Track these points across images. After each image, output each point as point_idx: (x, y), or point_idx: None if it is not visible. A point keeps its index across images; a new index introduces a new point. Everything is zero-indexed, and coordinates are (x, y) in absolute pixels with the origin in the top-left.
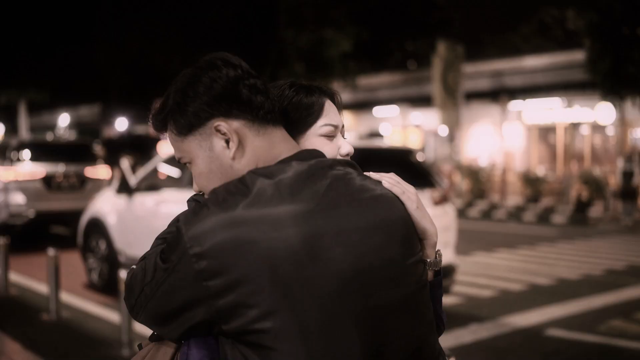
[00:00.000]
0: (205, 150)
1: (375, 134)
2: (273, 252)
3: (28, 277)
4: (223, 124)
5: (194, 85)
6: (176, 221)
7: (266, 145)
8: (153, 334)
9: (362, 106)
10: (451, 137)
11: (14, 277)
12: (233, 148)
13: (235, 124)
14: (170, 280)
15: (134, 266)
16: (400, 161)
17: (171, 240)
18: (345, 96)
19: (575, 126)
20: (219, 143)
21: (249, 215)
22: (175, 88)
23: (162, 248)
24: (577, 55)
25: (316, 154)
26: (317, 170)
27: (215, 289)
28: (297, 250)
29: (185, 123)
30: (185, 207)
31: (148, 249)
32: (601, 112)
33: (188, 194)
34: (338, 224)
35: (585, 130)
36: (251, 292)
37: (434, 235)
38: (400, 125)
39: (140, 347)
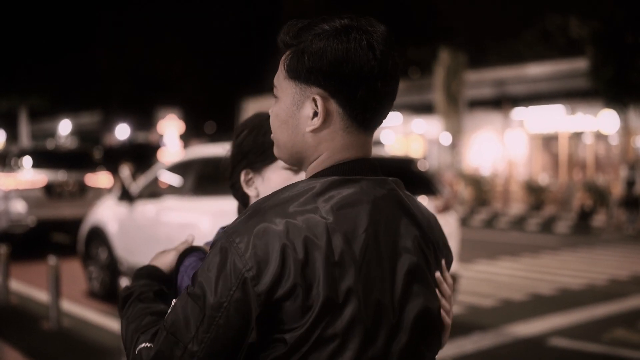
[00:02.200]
0: (294, 103)
1: (377, 142)
2: None
3: (29, 285)
4: (320, 100)
5: (332, 47)
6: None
7: (342, 145)
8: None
9: None
10: (453, 145)
11: (15, 285)
12: (316, 124)
13: (334, 106)
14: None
15: (145, 344)
16: (402, 170)
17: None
18: None
19: (578, 134)
20: (308, 109)
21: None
22: (323, 32)
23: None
24: (580, 63)
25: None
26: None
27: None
28: None
29: (297, 68)
30: (183, 215)
31: (149, 256)
32: (604, 120)
33: (189, 202)
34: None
35: (588, 139)
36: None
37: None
38: (402, 133)
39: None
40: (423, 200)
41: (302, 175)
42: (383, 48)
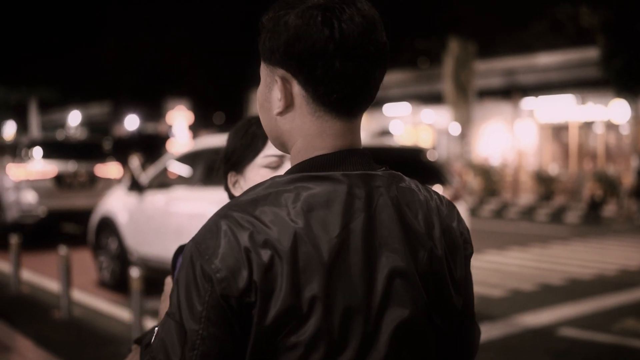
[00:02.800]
0: (266, 86)
1: (386, 132)
2: None
3: (40, 275)
4: (280, 81)
5: (287, 25)
6: None
7: (315, 131)
8: (139, 337)
9: (373, 104)
10: (463, 135)
11: (26, 275)
12: (280, 107)
13: (297, 88)
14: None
15: None
16: (411, 160)
17: None
18: None
19: (588, 124)
20: (276, 92)
21: None
22: (285, 12)
23: None
24: (591, 53)
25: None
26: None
27: None
28: None
29: (263, 49)
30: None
31: (158, 247)
32: (615, 110)
33: (198, 192)
34: None
35: (598, 128)
36: None
37: None
38: (411, 123)
39: (129, 350)
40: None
41: (279, 172)
42: (346, 26)
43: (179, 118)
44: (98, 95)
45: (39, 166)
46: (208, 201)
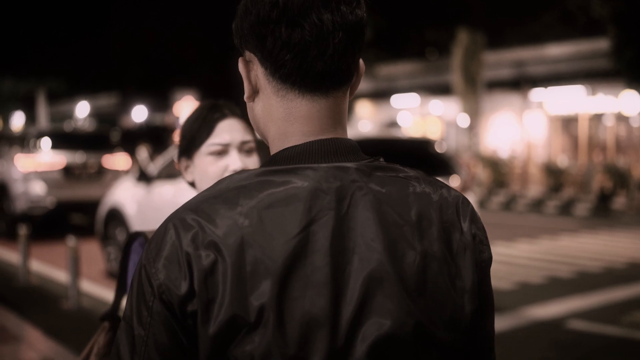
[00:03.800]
0: (243, 73)
1: (394, 124)
2: None
3: (48, 266)
4: (241, 62)
5: (240, 4)
6: None
7: (282, 114)
8: (103, 313)
9: (381, 95)
10: (471, 127)
11: (35, 265)
12: (247, 91)
13: (260, 69)
14: None
15: None
16: (420, 152)
17: None
18: (364, 85)
19: (598, 116)
20: (244, 76)
21: None
22: None
23: None
24: (601, 43)
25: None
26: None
27: None
28: None
29: (233, 35)
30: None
31: None
32: (625, 102)
33: None
34: None
35: (609, 120)
36: None
37: None
38: (419, 115)
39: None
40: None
41: (225, 160)
42: None
43: (186, 109)
44: (106, 86)
45: (47, 157)
46: None
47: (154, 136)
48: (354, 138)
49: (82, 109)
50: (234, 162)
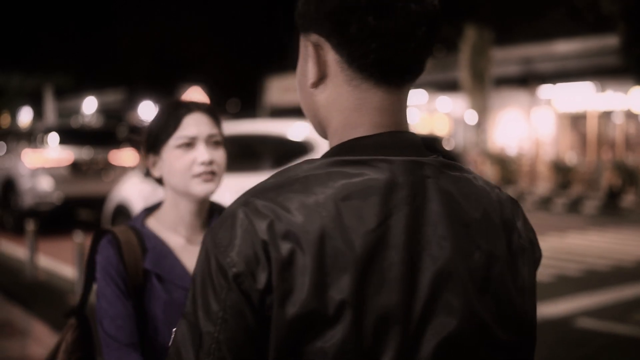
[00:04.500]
0: (303, 58)
1: None
2: None
3: (55, 261)
4: (311, 46)
5: None
6: None
7: (352, 103)
8: (69, 310)
9: None
10: (479, 124)
11: (42, 261)
12: (314, 77)
13: (331, 53)
14: None
15: None
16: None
17: None
18: None
19: (607, 113)
20: (310, 61)
21: None
22: None
23: None
24: (611, 40)
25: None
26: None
27: None
28: None
29: (297, 17)
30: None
31: None
32: (635, 99)
33: None
34: None
35: (618, 117)
36: None
37: None
38: (427, 112)
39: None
40: None
41: (193, 153)
42: None
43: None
44: (113, 82)
45: (54, 153)
46: (223, 188)
47: None
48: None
49: (90, 105)
50: (202, 154)
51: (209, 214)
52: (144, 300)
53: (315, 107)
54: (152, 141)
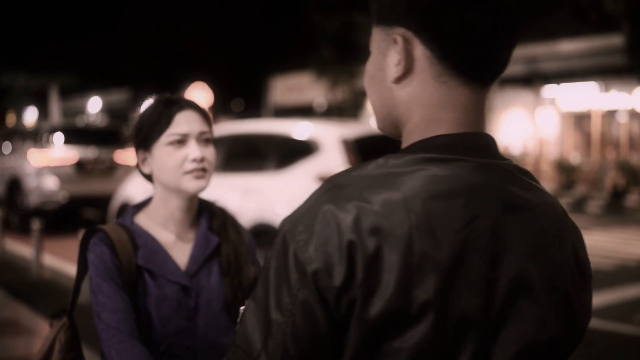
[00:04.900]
0: (380, 52)
1: None
2: None
3: (61, 260)
4: (400, 40)
5: None
6: None
7: (437, 100)
8: (55, 311)
9: None
10: None
11: (47, 260)
12: (399, 71)
13: (420, 48)
14: None
15: None
16: None
17: None
18: None
19: (611, 113)
20: (393, 56)
21: None
22: None
23: None
24: (615, 39)
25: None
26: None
27: None
28: None
29: (380, 8)
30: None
31: None
32: (639, 98)
33: (217, 178)
34: None
35: (622, 117)
36: None
37: None
38: None
39: (51, 325)
40: None
41: (184, 150)
42: None
43: (197, 96)
44: (117, 82)
45: (59, 152)
46: (228, 187)
47: None
48: (366, 133)
49: (94, 105)
50: (193, 151)
51: (198, 211)
52: (137, 296)
53: (394, 102)
54: (142, 138)
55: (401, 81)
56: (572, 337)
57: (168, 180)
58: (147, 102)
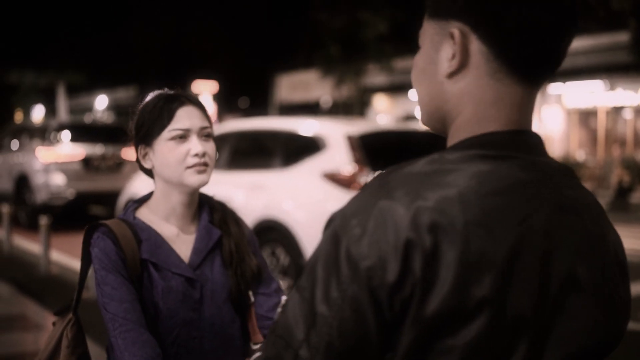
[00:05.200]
0: (432, 46)
1: (410, 117)
2: None
3: (68, 256)
4: (457, 34)
5: None
6: None
7: (490, 97)
8: (58, 309)
9: (398, 89)
10: None
11: (55, 255)
12: (454, 66)
13: (476, 44)
14: None
15: None
16: (438, 144)
17: None
18: (380, 79)
19: (617, 110)
20: (447, 50)
21: None
22: None
23: None
24: (621, 37)
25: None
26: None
27: None
28: None
29: (433, 3)
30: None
31: None
32: None
33: (224, 175)
34: None
35: (628, 114)
36: None
37: None
38: None
39: (53, 324)
40: None
41: (186, 145)
42: None
43: (203, 91)
44: (124, 79)
45: (67, 149)
46: (234, 184)
47: None
48: (372, 130)
49: (101, 102)
50: (195, 146)
51: (199, 205)
52: (143, 289)
53: (444, 97)
54: (143, 133)
55: (454, 76)
56: (615, 337)
57: (170, 175)
58: (148, 98)
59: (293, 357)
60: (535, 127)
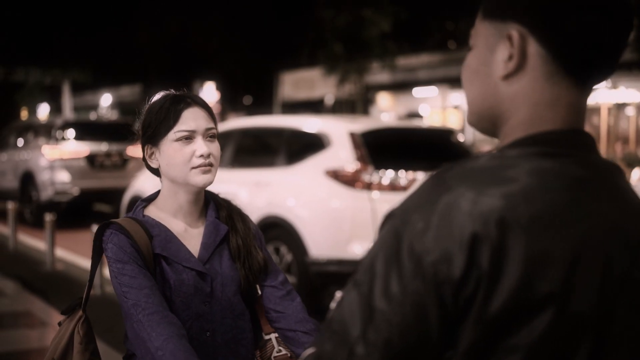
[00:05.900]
0: (487, 47)
1: (414, 115)
2: None
3: (73, 253)
4: (516, 36)
5: None
6: None
7: (546, 99)
8: (65, 308)
9: (401, 87)
10: None
11: (60, 252)
12: (511, 68)
13: (534, 46)
14: None
15: None
16: (441, 142)
17: None
18: (384, 77)
19: (620, 107)
20: (503, 52)
21: None
22: None
23: None
24: None
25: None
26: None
27: None
28: None
29: (491, 3)
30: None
31: None
32: None
33: (228, 173)
34: None
35: (630, 112)
36: None
37: None
38: (439, 107)
39: (59, 324)
40: None
41: (191, 146)
42: None
43: (207, 91)
44: (129, 77)
45: (72, 146)
46: (238, 182)
47: None
48: (376, 128)
49: (106, 100)
50: (201, 147)
51: (205, 203)
52: (156, 283)
53: (498, 98)
54: (150, 133)
55: (510, 78)
56: None
57: (176, 175)
58: (154, 98)
59: (348, 354)
60: None
